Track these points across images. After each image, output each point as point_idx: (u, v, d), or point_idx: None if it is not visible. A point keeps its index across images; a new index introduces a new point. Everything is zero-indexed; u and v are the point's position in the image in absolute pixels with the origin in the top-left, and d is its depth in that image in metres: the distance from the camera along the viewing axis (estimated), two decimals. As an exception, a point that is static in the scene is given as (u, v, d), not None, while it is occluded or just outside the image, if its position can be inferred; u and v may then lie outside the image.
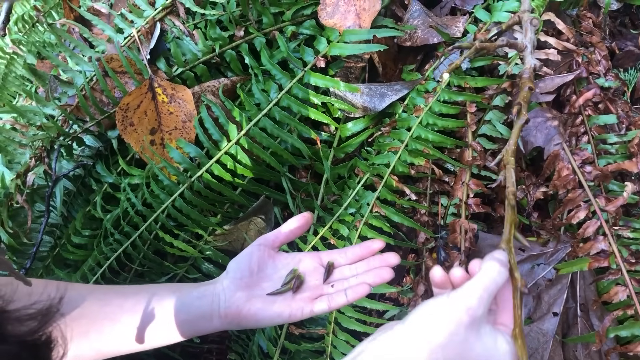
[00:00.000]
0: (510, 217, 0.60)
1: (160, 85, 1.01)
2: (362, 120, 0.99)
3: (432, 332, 0.48)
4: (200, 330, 0.67)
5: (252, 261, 0.67)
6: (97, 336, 0.65)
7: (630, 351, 0.73)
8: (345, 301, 0.64)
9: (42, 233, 1.04)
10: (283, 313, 0.64)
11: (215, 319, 0.65)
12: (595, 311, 0.81)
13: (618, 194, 0.83)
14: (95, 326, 0.64)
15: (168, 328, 0.66)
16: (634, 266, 0.77)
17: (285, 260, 0.69)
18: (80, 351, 0.64)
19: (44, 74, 1.11)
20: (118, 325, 0.65)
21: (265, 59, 1.00)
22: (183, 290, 0.68)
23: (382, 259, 0.67)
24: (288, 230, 0.70)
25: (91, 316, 0.65)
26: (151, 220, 0.98)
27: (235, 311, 0.64)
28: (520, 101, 0.72)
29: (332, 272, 0.68)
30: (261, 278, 0.67)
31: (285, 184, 0.98)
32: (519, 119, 0.70)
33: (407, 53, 1.04)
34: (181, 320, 0.66)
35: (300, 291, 0.66)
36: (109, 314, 0.66)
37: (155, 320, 0.65)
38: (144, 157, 1.00)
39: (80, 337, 0.63)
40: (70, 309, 0.63)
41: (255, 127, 0.96)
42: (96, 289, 0.70)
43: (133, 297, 0.67)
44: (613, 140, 0.88)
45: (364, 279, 0.65)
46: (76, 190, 1.11)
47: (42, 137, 1.03)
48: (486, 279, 0.51)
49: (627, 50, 1.03)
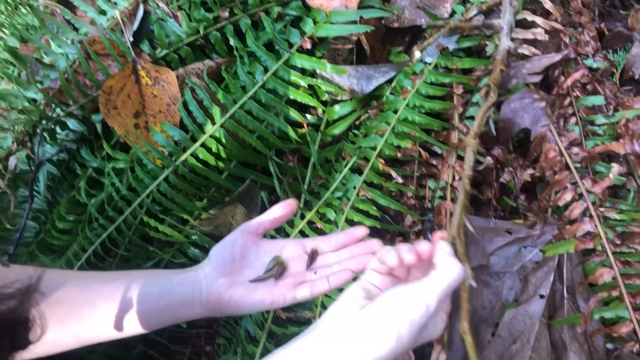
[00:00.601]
0: (462, 202, 0.59)
1: (144, 67, 0.99)
2: (349, 103, 0.98)
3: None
4: (182, 316, 0.66)
5: (235, 248, 0.66)
6: (76, 322, 0.64)
7: (614, 332, 0.73)
8: (327, 287, 0.64)
9: (25, 218, 1.03)
10: (265, 300, 0.63)
11: (197, 306, 0.65)
12: (581, 293, 0.81)
13: (605, 175, 0.82)
14: (74, 312, 0.64)
15: (148, 315, 0.65)
16: (619, 248, 0.76)
17: (269, 247, 0.68)
18: (59, 337, 0.63)
19: (26, 56, 1.09)
20: (97, 312, 0.64)
21: (251, 40, 0.98)
22: (164, 276, 0.67)
23: (365, 246, 0.67)
24: (272, 217, 0.69)
25: (70, 302, 0.64)
26: (136, 204, 0.97)
27: (216, 298, 0.64)
28: (490, 83, 0.71)
29: (315, 259, 0.67)
30: (244, 265, 0.66)
31: (271, 168, 0.97)
32: (486, 101, 0.69)
33: (395, 34, 1.02)
34: (162, 306, 0.65)
35: (283, 278, 0.65)
36: (88, 300, 0.65)
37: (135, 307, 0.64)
38: (128, 141, 0.98)
39: (59, 323, 0.62)
40: (49, 294, 0.62)
41: (240, 110, 0.95)
42: (75, 275, 0.70)
43: (113, 283, 0.66)
44: (601, 121, 0.87)
45: (347, 265, 0.65)
46: (60, 175, 1.10)
47: (24, 121, 1.02)
48: (447, 280, 0.51)
49: (617, 32, 1.02)
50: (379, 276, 0.57)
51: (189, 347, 1.15)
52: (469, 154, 0.64)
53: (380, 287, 0.56)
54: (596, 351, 0.79)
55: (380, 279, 0.57)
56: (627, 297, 0.73)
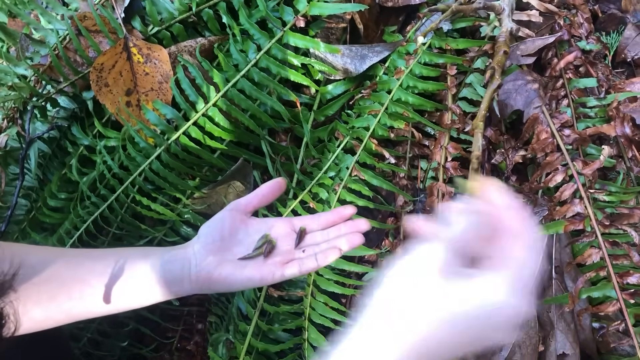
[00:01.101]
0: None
1: (136, 44, 0.98)
2: (343, 83, 0.98)
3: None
4: (171, 293, 0.67)
5: (224, 226, 0.67)
6: (67, 299, 0.64)
7: (601, 311, 0.75)
8: (315, 265, 0.64)
9: (16, 196, 1.02)
10: (254, 277, 0.64)
11: (186, 283, 0.65)
12: (569, 273, 0.83)
13: (595, 157, 0.83)
14: (64, 289, 0.64)
15: (138, 291, 0.66)
16: (607, 229, 0.78)
17: (258, 226, 0.69)
18: (50, 313, 0.64)
19: (14, 32, 1.07)
20: (88, 289, 0.65)
21: (244, 18, 0.97)
22: (154, 254, 0.68)
23: (352, 224, 0.68)
24: (261, 195, 0.70)
25: (60, 279, 0.64)
26: (128, 183, 0.97)
27: (205, 275, 0.64)
28: (495, 65, 0.71)
29: (303, 238, 0.68)
30: (233, 243, 0.67)
31: (264, 147, 0.97)
32: (492, 84, 0.69)
33: (389, 14, 1.02)
34: (152, 283, 0.65)
35: (272, 256, 0.66)
36: (79, 276, 0.65)
37: (126, 283, 0.65)
38: (120, 119, 0.98)
39: (49, 300, 0.63)
40: (39, 272, 0.62)
41: (233, 89, 0.94)
42: (66, 252, 0.70)
43: (103, 260, 0.66)
44: (593, 103, 0.88)
45: (334, 243, 0.66)
46: (51, 152, 1.09)
47: (14, 97, 1.01)
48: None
49: (610, 14, 1.02)
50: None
51: (180, 324, 1.16)
52: (477, 136, 0.65)
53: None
54: (583, 330, 0.81)
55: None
56: (615, 277, 0.74)
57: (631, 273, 0.74)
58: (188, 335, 1.17)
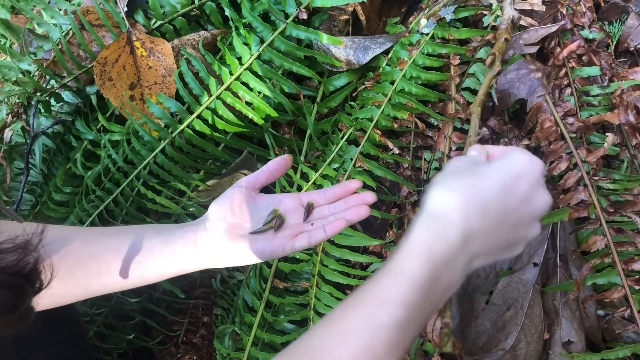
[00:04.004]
0: None
1: (139, 38, 0.99)
2: (346, 74, 0.98)
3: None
4: (184, 268, 0.67)
5: (234, 202, 0.67)
6: (84, 274, 0.65)
7: (606, 298, 0.75)
8: (324, 236, 0.65)
9: (21, 191, 1.03)
10: (265, 250, 0.65)
11: (198, 258, 0.66)
12: (574, 261, 0.83)
13: (599, 145, 0.83)
14: (81, 265, 0.65)
15: (153, 266, 0.66)
16: (612, 216, 0.78)
17: (266, 202, 0.70)
18: (69, 288, 0.65)
19: (18, 27, 1.07)
20: (104, 264, 0.66)
21: (246, 10, 0.97)
22: (167, 230, 0.68)
23: (359, 197, 0.68)
24: (268, 171, 0.70)
25: (77, 255, 0.65)
26: (133, 176, 0.97)
27: (217, 250, 0.65)
28: (495, 52, 0.71)
29: (311, 212, 0.69)
30: (243, 218, 0.67)
31: (268, 140, 0.97)
32: (491, 70, 0.70)
33: (391, 5, 1.02)
34: (165, 258, 0.66)
35: (282, 230, 0.67)
36: (95, 252, 0.66)
37: (140, 258, 0.66)
38: (124, 113, 0.98)
39: (67, 276, 0.64)
40: (57, 249, 0.63)
41: (236, 82, 0.94)
42: (81, 230, 0.71)
43: (118, 237, 0.68)
44: (596, 92, 0.88)
45: (342, 215, 0.66)
46: (56, 147, 1.10)
47: (18, 92, 1.01)
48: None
49: (613, 3, 1.02)
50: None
51: (186, 317, 1.16)
52: (474, 121, 0.65)
53: None
54: (588, 317, 0.81)
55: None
56: (620, 264, 0.74)
57: (636, 259, 0.74)
58: (194, 329, 1.18)
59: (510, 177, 0.52)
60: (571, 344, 0.80)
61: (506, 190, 0.52)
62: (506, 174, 0.52)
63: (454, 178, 0.53)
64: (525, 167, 0.53)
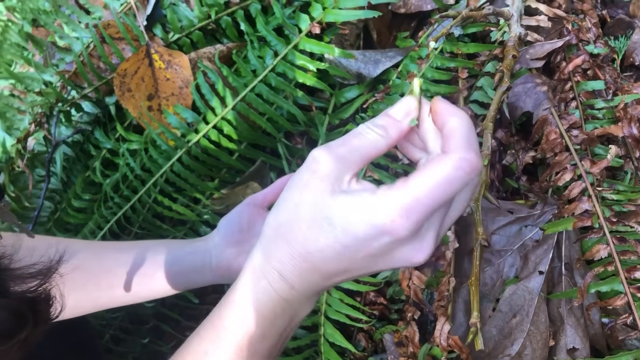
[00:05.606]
0: (482, 178, 0.62)
1: (157, 51, 1.02)
2: (357, 87, 1.01)
3: None
4: (193, 283, 0.70)
5: (242, 219, 0.70)
6: (94, 288, 0.67)
7: (609, 305, 0.77)
8: None
9: (42, 197, 1.06)
10: None
11: (207, 273, 0.68)
12: (578, 269, 0.85)
13: (603, 157, 0.85)
14: (92, 279, 0.67)
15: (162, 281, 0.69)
16: (615, 225, 0.80)
17: None
18: (79, 302, 0.67)
19: (41, 40, 1.12)
20: (115, 279, 0.68)
21: (261, 25, 1.01)
22: (176, 245, 0.71)
23: None
24: (277, 189, 0.73)
25: (88, 269, 0.67)
26: (150, 184, 1.01)
27: (225, 265, 0.67)
28: (503, 69, 0.74)
29: None
30: (251, 235, 0.70)
31: (281, 150, 1.00)
32: (501, 87, 0.72)
33: (401, 20, 1.05)
34: (174, 273, 0.69)
35: None
36: (105, 267, 0.68)
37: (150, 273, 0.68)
38: (142, 123, 1.01)
39: (77, 289, 0.66)
40: (67, 262, 0.66)
41: (251, 93, 0.98)
42: (92, 244, 0.73)
43: (128, 251, 0.70)
44: (600, 105, 0.90)
45: None
46: (75, 156, 1.13)
47: (40, 103, 1.05)
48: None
49: (618, 19, 1.05)
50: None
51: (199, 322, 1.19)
52: (486, 136, 0.67)
53: None
54: (592, 325, 0.83)
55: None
56: (622, 272, 0.76)
57: (638, 268, 0.76)
58: (206, 334, 1.20)
59: (371, 236, 0.39)
60: (576, 351, 0.82)
61: (354, 254, 0.40)
62: (367, 232, 0.38)
63: (285, 240, 0.42)
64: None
